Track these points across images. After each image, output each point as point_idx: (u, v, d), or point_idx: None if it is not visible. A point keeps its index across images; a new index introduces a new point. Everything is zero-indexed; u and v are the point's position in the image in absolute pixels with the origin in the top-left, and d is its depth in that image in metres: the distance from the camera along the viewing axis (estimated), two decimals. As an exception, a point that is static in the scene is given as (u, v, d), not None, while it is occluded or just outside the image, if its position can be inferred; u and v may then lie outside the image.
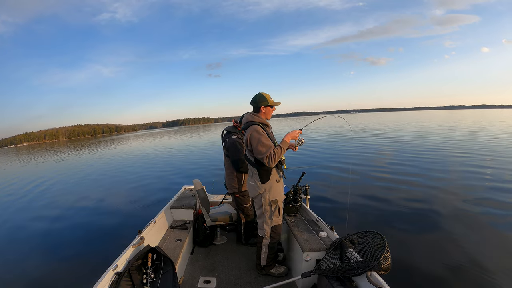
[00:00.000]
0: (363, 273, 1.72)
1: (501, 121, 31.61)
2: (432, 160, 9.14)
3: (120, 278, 1.80)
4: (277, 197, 2.30)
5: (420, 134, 18.79)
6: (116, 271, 1.85)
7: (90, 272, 3.10)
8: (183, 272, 2.62)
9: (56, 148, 42.89)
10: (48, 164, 18.85)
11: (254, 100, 2.27)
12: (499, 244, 3.63)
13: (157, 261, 2.12)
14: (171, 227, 3.06)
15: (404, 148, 12.34)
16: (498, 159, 8.70)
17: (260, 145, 2.08)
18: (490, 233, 3.95)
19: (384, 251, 1.70)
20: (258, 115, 2.27)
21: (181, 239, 2.76)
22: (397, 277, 2.80)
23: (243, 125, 2.33)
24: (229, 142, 2.86)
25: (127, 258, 2.01)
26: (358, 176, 7.53)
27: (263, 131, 2.16)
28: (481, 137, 15.31)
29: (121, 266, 1.92)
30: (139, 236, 2.29)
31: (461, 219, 4.41)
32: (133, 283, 1.90)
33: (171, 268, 2.05)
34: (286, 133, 2.18)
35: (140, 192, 7.55)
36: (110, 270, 1.81)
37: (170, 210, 3.30)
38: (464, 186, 6.13)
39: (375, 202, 5.33)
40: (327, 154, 11.80)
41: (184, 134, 43.30)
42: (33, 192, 9.09)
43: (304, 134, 2.26)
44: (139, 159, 15.68)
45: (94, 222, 5.37)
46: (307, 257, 2.19)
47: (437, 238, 3.85)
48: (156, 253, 2.14)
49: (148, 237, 2.42)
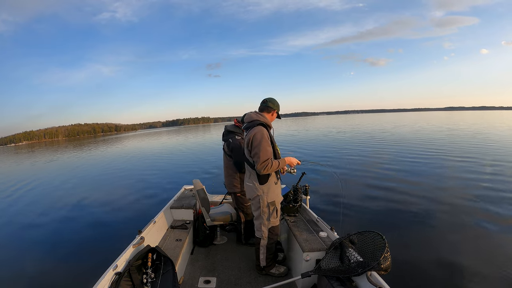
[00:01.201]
0: (363, 273, 1.72)
1: (501, 123, 31.55)
2: (433, 162, 9.15)
3: (120, 278, 1.80)
4: (275, 198, 2.29)
5: (423, 136, 18.73)
6: (116, 271, 1.84)
7: (90, 272, 3.09)
8: (183, 272, 2.62)
9: (54, 147, 42.86)
10: (48, 163, 18.84)
11: (269, 100, 2.26)
12: (499, 245, 3.64)
13: (157, 261, 2.12)
14: (171, 227, 3.06)
15: (405, 149, 12.35)
16: (499, 164, 8.65)
17: (261, 150, 2.06)
18: (490, 234, 3.96)
19: (384, 251, 1.70)
20: (263, 115, 2.25)
21: (181, 239, 2.76)
22: (397, 277, 2.80)
23: (246, 123, 2.29)
24: (233, 143, 2.84)
25: (127, 258, 2.01)
26: (358, 176, 7.54)
27: (268, 135, 2.16)
28: (482, 139, 15.27)
29: (121, 266, 1.92)
30: (139, 236, 2.29)
31: (461, 219, 4.42)
32: (133, 283, 1.89)
33: (171, 268, 2.05)
34: (290, 156, 2.28)
35: (140, 192, 7.55)
36: (110, 270, 1.80)
37: (170, 210, 3.30)
38: (462, 187, 6.15)
39: (375, 203, 5.33)
40: (327, 155, 11.80)
41: (183, 134, 43.34)
42: (32, 192, 9.08)
43: (304, 134, 2.27)
44: (139, 159, 15.68)
45: (94, 222, 5.36)
46: (307, 257, 2.19)
47: (437, 238, 3.85)
48: (156, 253, 2.14)
49: (148, 237, 2.42)
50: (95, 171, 12.60)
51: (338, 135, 21.53)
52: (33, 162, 20.62)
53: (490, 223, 4.21)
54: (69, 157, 21.82)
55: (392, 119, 61.92)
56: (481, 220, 4.35)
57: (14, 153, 41.73)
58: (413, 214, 4.68)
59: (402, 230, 4.15)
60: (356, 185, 6.64)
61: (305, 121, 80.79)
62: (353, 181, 7.07)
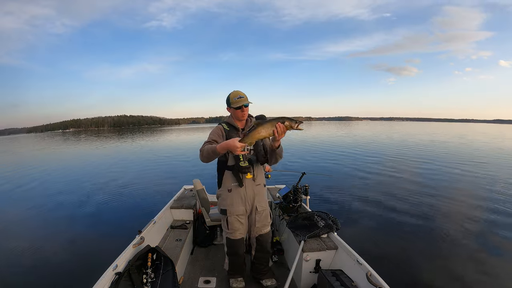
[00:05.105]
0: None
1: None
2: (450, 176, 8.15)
3: (120, 278, 1.80)
4: (227, 208, 2.09)
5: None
6: (116, 271, 1.84)
7: (90, 272, 3.08)
8: (183, 272, 2.62)
9: (77, 137, 42.62)
10: (54, 155, 18.83)
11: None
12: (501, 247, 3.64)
13: (157, 261, 2.12)
14: (171, 227, 3.06)
15: (418, 158, 12.00)
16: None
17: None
18: (490, 235, 3.96)
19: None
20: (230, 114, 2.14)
21: (181, 239, 2.76)
22: (397, 277, 2.81)
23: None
24: None
25: (127, 258, 2.01)
26: (359, 176, 7.54)
27: (220, 130, 2.04)
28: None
29: (121, 266, 1.92)
30: (139, 236, 2.29)
31: (463, 222, 4.42)
32: (133, 283, 1.89)
33: (171, 268, 2.05)
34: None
35: (140, 192, 7.55)
36: (110, 270, 1.80)
37: (170, 210, 3.30)
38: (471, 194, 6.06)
39: (375, 202, 5.33)
40: (328, 156, 11.81)
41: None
42: (29, 186, 9.07)
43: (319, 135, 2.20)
44: (144, 158, 15.67)
45: (93, 222, 5.36)
46: (307, 257, 2.19)
47: (437, 238, 3.85)
48: (156, 253, 2.13)
49: (148, 237, 2.42)
50: (96, 170, 12.58)
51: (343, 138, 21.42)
52: (52, 151, 20.29)
53: (492, 226, 4.20)
54: (79, 150, 21.57)
55: (453, 129, 52.27)
56: (483, 223, 4.34)
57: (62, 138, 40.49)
58: (414, 216, 4.68)
59: (403, 230, 4.14)
60: (357, 185, 6.64)
61: (349, 124, 76.16)
62: (353, 181, 7.07)
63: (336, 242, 2.25)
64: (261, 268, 2.33)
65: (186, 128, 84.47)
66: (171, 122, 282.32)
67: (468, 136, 27.87)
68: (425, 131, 39.27)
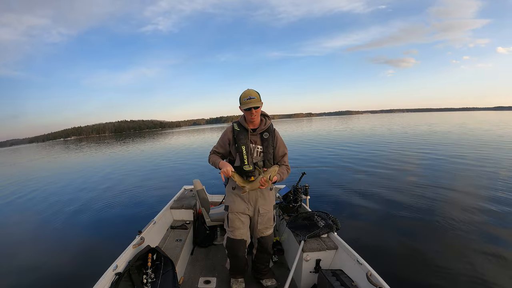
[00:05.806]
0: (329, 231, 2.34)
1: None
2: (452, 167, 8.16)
3: (120, 279, 1.80)
4: (229, 204, 2.16)
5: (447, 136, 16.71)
6: (116, 271, 1.84)
7: (90, 272, 3.09)
8: (183, 272, 2.62)
9: (80, 144, 42.61)
10: (51, 161, 18.85)
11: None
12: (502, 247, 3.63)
13: (157, 262, 2.12)
14: (171, 227, 3.06)
15: (419, 151, 11.97)
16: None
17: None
18: (491, 235, 3.95)
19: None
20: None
21: (181, 239, 2.76)
22: (397, 277, 2.81)
23: None
24: None
25: (127, 258, 2.01)
26: (359, 176, 7.53)
27: (230, 132, 2.11)
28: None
29: (121, 266, 1.92)
30: (139, 236, 2.29)
31: (467, 220, 4.41)
32: (133, 283, 1.90)
33: (171, 269, 2.05)
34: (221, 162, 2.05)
35: (140, 192, 7.55)
36: (110, 270, 1.81)
37: (170, 210, 3.30)
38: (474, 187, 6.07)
39: (376, 202, 5.33)
40: (328, 155, 11.81)
41: (216, 132, 40.23)
42: (32, 192, 9.07)
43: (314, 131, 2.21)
44: (142, 160, 15.68)
45: (93, 222, 5.36)
46: (307, 257, 2.19)
47: (439, 237, 3.85)
48: (156, 254, 2.13)
49: (148, 237, 2.42)
50: (97, 171, 12.59)
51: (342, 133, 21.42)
52: (32, 160, 20.57)
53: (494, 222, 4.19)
54: (79, 156, 21.77)
55: (456, 118, 49.95)
56: (486, 223, 4.34)
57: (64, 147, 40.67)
58: (414, 217, 4.67)
59: (402, 231, 4.14)
60: (357, 185, 6.64)
61: (350, 119, 75.08)
62: (353, 181, 7.07)
63: (336, 242, 2.25)
64: (262, 268, 2.36)
65: (187, 130, 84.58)
66: (172, 125, 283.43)
67: (469, 125, 27.72)
68: (428, 122, 38.97)
